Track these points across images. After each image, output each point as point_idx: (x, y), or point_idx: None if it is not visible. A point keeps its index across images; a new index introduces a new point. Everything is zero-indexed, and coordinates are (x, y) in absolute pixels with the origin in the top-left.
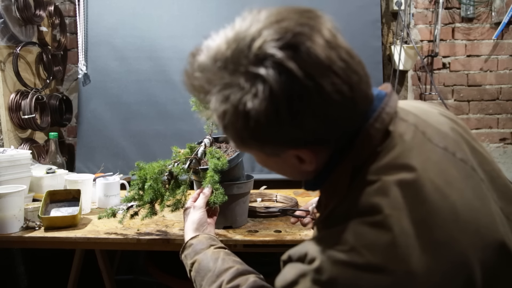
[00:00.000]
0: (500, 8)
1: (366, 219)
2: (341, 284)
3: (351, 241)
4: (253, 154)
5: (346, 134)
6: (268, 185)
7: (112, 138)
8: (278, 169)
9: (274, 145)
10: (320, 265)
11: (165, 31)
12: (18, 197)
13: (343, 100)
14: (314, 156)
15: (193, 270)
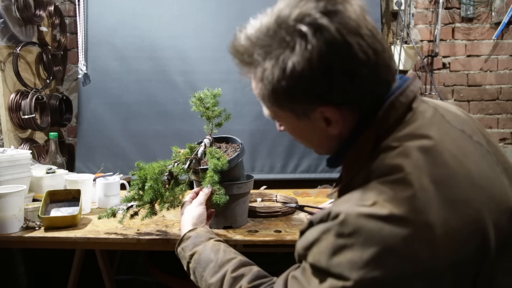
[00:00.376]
0: (500, 8)
1: (387, 178)
2: (365, 234)
3: (374, 197)
4: (284, 121)
5: (371, 100)
6: (268, 185)
7: (112, 138)
8: (306, 136)
9: (306, 100)
10: (344, 219)
11: (165, 31)
12: (18, 197)
13: (367, 60)
14: (340, 116)
15: (192, 261)
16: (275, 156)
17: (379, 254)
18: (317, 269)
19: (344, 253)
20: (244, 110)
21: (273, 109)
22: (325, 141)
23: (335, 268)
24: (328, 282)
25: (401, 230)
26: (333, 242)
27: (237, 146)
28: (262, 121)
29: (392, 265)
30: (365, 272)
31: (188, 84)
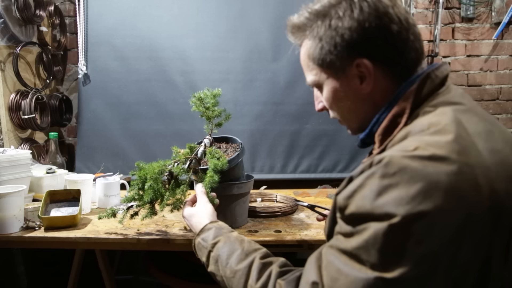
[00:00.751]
0: (500, 8)
1: (427, 131)
2: (410, 172)
3: (416, 144)
4: (325, 85)
5: (401, 66)
6: (268, 185)
7: (112, 138)
8: (343, 100)
9: (347, 50)
10: (388, 160)
11: (165, 31)
12: (18, 197)
13: (399, 23)
14: (373, 71)
15: (214, 249)
16: (275, 156)
17: (424, 188)
18: (359, 217)
19: (390, 192)
20: (244, 110)
21: (317, 72)
22: (360, 105)
23: (380, 208)
24: (371, 228)
25: (445, 167)
26: (377, 183)
27: (237, 146)
28: (262, 121)
29: (438, 198)
30: (412, 206)
31: (188, 84)
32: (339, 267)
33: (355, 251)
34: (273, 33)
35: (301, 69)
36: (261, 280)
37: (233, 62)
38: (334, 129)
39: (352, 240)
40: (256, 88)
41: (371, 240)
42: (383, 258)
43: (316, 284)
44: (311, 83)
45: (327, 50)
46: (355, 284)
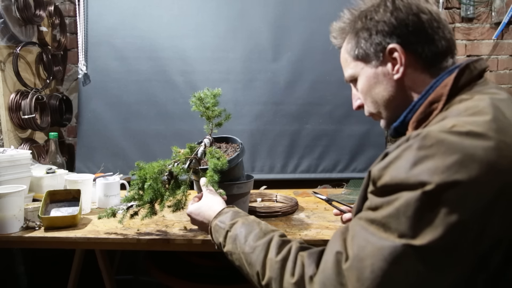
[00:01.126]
0: (500, 8)
1: (464, 113)
2: (447, 144)
3: (453, 122)
4: (361, 75)
5: (433, 50)
6: (268, 185)
7: (112, 138)
8: (378, 87)
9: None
10: (426, 134)
11: (165, 31)
12: (18, 197)
13: (431, 16)
14: (404, 56)
15: (232, 229)
16: (275, 156)
17: (460, 159)
18: (392, 187)
19: (426, 163)
20: (244, 110)
21: (353, 65)
22: (393, 92)
23: (414, 177)
24: (403, 197)
25: (482, 142)
26: (414, 154)
27: (237, 146)
28: (262, 121)
29: (473, 170)
30: (447, 175)
31: (188, 84)
32: (366, 236)
33: (385, 220)
34: (273, 33)
35: (301, 69)
36: (282, 253)
37: (233, 62)
38: (334, 129)
39: (383, 210)
40: (256, 88)
41: (402, 208)
42: (413, 225)
43: (340, 254)
44: (348, 77)
45: (362, 41)
46: (382, 251)
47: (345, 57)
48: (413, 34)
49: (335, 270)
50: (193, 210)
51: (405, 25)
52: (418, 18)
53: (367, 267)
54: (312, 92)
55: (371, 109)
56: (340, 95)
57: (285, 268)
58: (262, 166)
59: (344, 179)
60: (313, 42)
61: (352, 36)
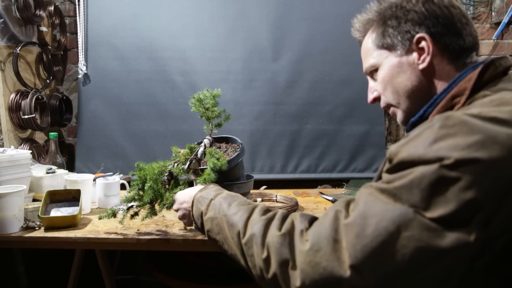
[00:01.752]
0: (500, 8)
1: (489, 104)
2: (469, 125)
3: (477, 109)
4: (383, 64)
5: (461, 44)
6: (268, 185)
7: (112, 138)
8: (401, 76)
9: (411, 24)
10: (449, 115)
11: (165, 31)
12: (18, 197)
13: (460, 11)
14: (432, 47)
15: (217, 198)
16: (275, 156)
17: (482, 139)
18: (408, 163)
19: (446, 140)
20: (244, 110)
21: (377, 54)
22: (416, 82)
23: (433, 153)
24: (418, 170)
25: (505, 128)
26: (435, 132)
27: (237, 146)
28: (262, 121)
29: (494, 150)
30: (468, 152)
31: (188, 84)
32: (374, 200)
33: (396, 190)
34: (273, 33)
35: (301, 69)
36: (267, 215)
37: (233, 62)
38: (334, 129)
39: (395, 182)
40: (256, 88)
41: (416, 180)
42: (425, 197)
43: (339, 211)
44: (369, 67)
45: (390, 29)
46: (392, 211)
47: (368, 47)
48: (443, 26)
49: (332, 225)
50: (177, 197)
51: (435, 16)
52: (449, 11)
53: (370, 225)
54: (312, 92)
55: (390, 100)
56: (340, 95)
57: (270, 224)
58: (262, 166)
59: (344, 179)
60: (313, 42)
61: (378, 25)
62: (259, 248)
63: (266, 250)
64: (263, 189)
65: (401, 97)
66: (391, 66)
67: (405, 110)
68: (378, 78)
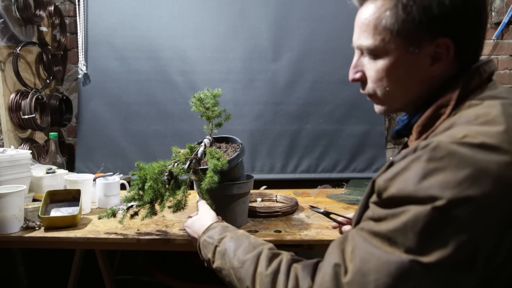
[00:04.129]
0: (500, 8)
1: (474, 122)
2: (458, 157)
3: (464, 132)
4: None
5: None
6: (268, 185)
7: (112, 138)
8: (400, 75)
9: (437, 25)
10: (436, 145)
11: (165, 31)
12: (18, 197)
13: (485, 8)
14: (450, 55)
15: (221, 244)
16: (275, 156)
17: (473, 174)
18: (398, 199)
19: (436, 176)
20: (244, 110)
21: (384, 35)
22: (416, 87)
23: (424, 191)
24: (411, 211)
25: (495, 156)
26: (423, 166)
27: (237, 146)
28: (262, 121)
29: (487, 185)
30: (459, 190)
31: (188, 84)
32: (369, 249)
33: (390, 234)
34: (273, 33)
35: (301, 69)
36: (272, 266)
37: (233, 62)
38: (334, 129)
39: (388, 223)
40: (256, 88)
41: (411, 223)
42: (422, 241)
43: (338, 266)
44: (369, 47)
45: (411, 16)
46: (388, 266)
47: (373, 21)
48: (469, 31)
49: (333, 283)
50: (188, 225)
51: (465, 18)
52: (480, 12)
53: (370, 283)
54: (312, 92)
55: (378, 93)
56: (340, 95)
57: (276, 281)
58: (262, 166)
59: (344, 179)
60: (313, 42)
61: (395, 3)
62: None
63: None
64: (263, 189)
65: (391, 95)
66: (397, 62)
67: (389, 108)
68: (374, 66)
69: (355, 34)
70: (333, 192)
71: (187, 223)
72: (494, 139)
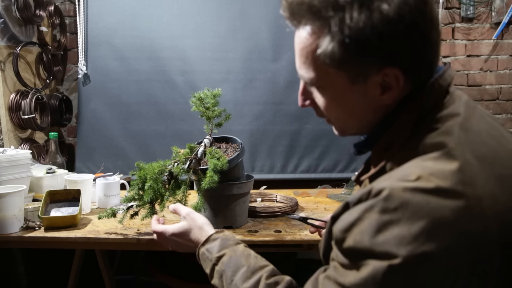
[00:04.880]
0: (500, 8)
1: (430, 155)
2: (412, 208)
3: (418, 172)
4: (329, 86)
5: (428, 73)
6: (268, 185)
7: (112, 138)
8: (349, 106)
9: (379, 56)
10: (388, 193)
11: (165, 31)
12: (18, 197)
13: (437, 26)
14: (401, 83)
15: (219, 263)
16: (275, 156)
17: (428, 227)
18: (357, 252)
19: (390, 230)
20: (244, 110)
21: (325, 69)
22: (369, 115)
23: (380, 246)
24: (370, 265)
25: (449, 202)
26: (377, 219)
27: (237, 146)
28: (262, 121)
29: (442, 238)
30: (414, 247)
31: (188, 84)
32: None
33: (354, 287)
34: (273, 33)
35: None
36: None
37: (233, 62)
38: None
39: (350, 274)
40: (256, 88)
41: (370, 279)
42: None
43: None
44: (311, 80)
45: (349, 50)
46: None
47: (310, 53)
48: (419, 57)
49: None
50: (176, 235)
51: (416, 48)
52: (429, 37)
53: None
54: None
55: (332, 121)
56: None
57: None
58: (262, 166)
59: (344, 179)
60: None
61: (331, 33)
62: None
63: None
64: (263, 189)
65: (345, 123)
66: (344, 95)
67: (346, 133)
68: (322, 97)
69: (296, 61)
70: (333, 192)
71: (172, 231)
72: (448, 181)
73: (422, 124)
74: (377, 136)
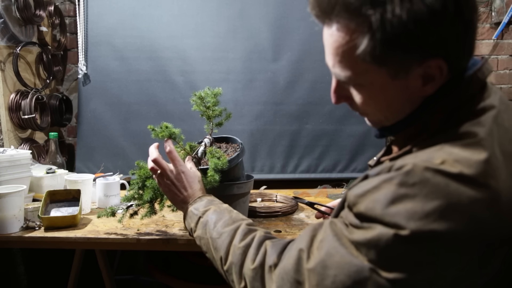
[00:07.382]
0: (500, 8)
1: (460, 142)
2: (430, 186)
3: (443, 156)
4: (369, 83)
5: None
6: (268, 185)
7: (112, 138)
8: (388, 99)
9: (424, 49)
10: (410, 169)
11: (165, 31)
12: (18, 197)
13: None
14: (445, 73)
15: (204, 216)
16: (275, 156)
17: (441, 208)
18: (367, 217)
19: (404, 203)
20: (244, 110)
21: (364, 67)
22: (407, 106)
23: (390, 217)
24: (377, 230)
25: (469, 190)
26: (394, 190)
27: (237, 146)
28: (262, 121)
29: (453, 221)
30: (424, 223)
31: (188, 84)
32: (336, 245)
33: (356, 243)
34: (273, 33)
35: (301, 69)
36: (245, 240)
37: (233, 62)
38: (334, 129)
39: (357, 233)
40: (256, 88)
41: (374, 241)
42: (382, 258)
43: (302, 251)
44: (349, 78)
45: (394, 45)
46: (349, 266)
47: (347, 51)
48: (464, 46)
49: (295, 266)
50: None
51: (461, 37)
52: (472, 26)
53: (329, 276)
54: (312, 92)
55: (369, 115)
56: None
57: (246, 254)
58: (262, 166)
59: (344, 179)
60: (313, 42)
61: (369, 31)
62: (237, 277)
63: (243, 281)
64: (263, 189)
65: (384, 118)
66: (384, 89)
67: (380, 125)
68: (359, 94)
69: (329, 59)
70: (333, 192)
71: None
72: (472, 170)
73: (457, 114)
74: (408, 122)
